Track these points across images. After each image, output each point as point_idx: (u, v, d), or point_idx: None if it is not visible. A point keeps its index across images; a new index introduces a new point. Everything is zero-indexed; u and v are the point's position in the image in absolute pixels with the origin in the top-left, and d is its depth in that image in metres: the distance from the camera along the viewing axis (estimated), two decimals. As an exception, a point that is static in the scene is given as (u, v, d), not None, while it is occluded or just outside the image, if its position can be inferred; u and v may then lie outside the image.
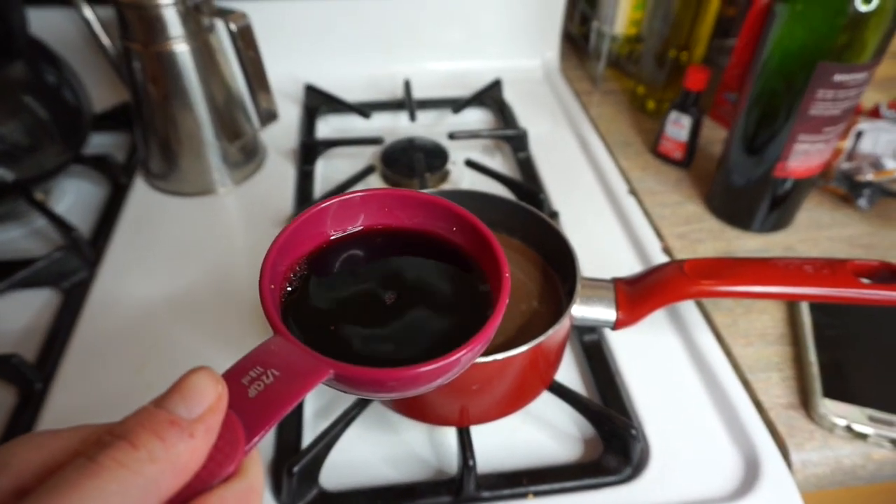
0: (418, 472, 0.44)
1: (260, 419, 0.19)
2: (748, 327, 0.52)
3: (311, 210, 0.26)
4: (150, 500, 0.16)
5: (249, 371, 0.20)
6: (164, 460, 0.17)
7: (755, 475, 0.43)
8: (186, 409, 0.18)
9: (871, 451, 0.45)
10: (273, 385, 0.19)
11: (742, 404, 0.46)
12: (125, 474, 0.16)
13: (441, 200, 0.27)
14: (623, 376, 0.49)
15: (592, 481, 0.43)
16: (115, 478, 0.16)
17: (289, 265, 0.26)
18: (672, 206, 0.65)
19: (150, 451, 0.16)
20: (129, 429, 0.17)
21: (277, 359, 0.20)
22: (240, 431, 0.18)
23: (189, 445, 0.17)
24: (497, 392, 0.40)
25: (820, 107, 0.52)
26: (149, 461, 0.16)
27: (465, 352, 0.22)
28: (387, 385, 0.21)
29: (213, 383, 0.18)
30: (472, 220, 0.27)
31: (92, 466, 0.16)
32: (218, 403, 0.18)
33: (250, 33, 0.58)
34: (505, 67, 0.86)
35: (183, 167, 0.65)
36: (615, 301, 0.42)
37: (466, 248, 0.28)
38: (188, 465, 0.17)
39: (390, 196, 0.27)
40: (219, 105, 0.63)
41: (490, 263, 0.26)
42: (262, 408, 0.19)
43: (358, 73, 0.84)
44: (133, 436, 0.17)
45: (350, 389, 0.22)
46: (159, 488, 0.17)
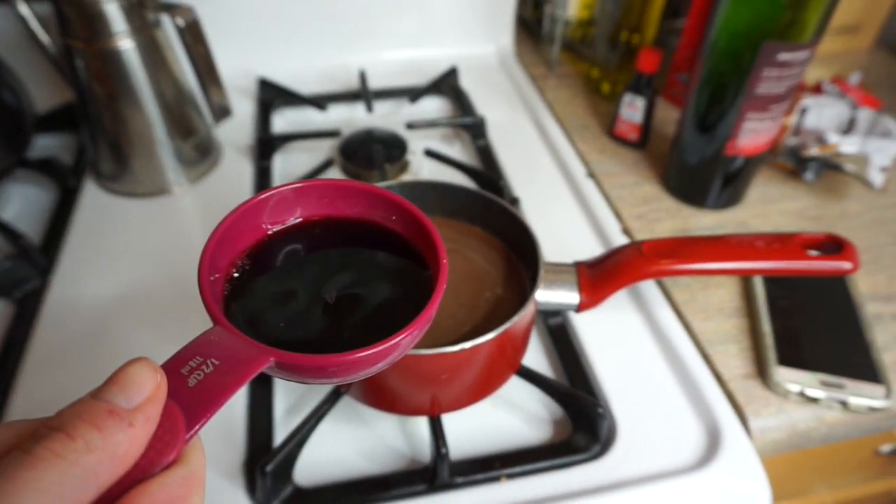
0: (392, 463, 0.45)
1: (200, 408, 0.19)
2: (706, 302, 0.54)
3: (250, 202, 0.26)
4: (88, 489, 0.16)
5: (189, 361, 0.20)
6: (102, 450, 0.16)
7: (717, 444, 0.44)
8: (125, 399, 0.18)
9: (823, 413, 0.47)
10: (213, 374, 0.19)
11: (702, 377, 0.48)
12: (62, 465, 0.16)
13: (379, 189, 0.28)
14: (588, 356, 0.50)
15: (563, 460, 0.44)
16: (52, 468, 0.16)
17: (230, 258, 0.26)
18: (630, 188, 0.66)
19: (87, 441, 0.16)
20: (65, 420, 0.17)
21: (217, 348, 0.20)
22: (180, 420, 0.19)
23: (128, 434, 0.17)
24: (467, 379, 0.41)
25: (766, 85, 0.53)
26: (86, 451, 0.16)
27: (403, 336, 0.22)
28: (328, 370, 0.21)
29: (151, 373, 0.18)
30: (410, 208, 0.27)
31: (28, 458, 0.16)
32: (157, 393, 0.18)
33: (198, 28, 0.56)
34: (460, 55, 0.86)
35: (135, 167, 0.63)
36: (578, 284, 0.43)
37: (407, 236, 0.28)
38: (127, 454, 0.17)
39: (328, 187, 0.28)
40: (169, 102, 0.61)
41: (429, 250, 0.27)
42: (202, 397, 0.19)
43: (311, 65, 0.83)
44: (70, 427, 0.17)
45: (294, 377, 0.22)
46: (98, 478, 0.16)
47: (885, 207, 0.65)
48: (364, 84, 0.76)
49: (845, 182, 0.67)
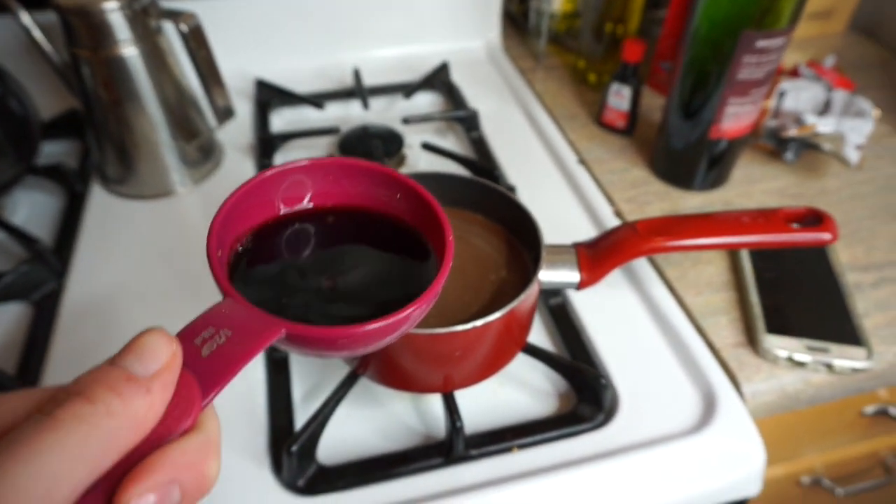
0: (408, 440, 0.47)
1: (214, 377, 0.19)
2: (697, 278, 0.57)
3: (256, 179, 0.26)
4: (109, 454, 0.16)
5: (202, 332, 0.21)
6: (121, 415, 0.17)
7: (712, 409, 0.47)
8: (142, 367, 0.18)
9: (810, 376, 0.50)
10: (225, 345, 0.20)
11: (696, 347, 0.51)
12: (84, 428, 0.16)
13: (384, 168, 0.28)
14: (588, 333, 0.53)
15: (570, 430, 0.47)
16: (74, 431, 0.16)
17: (237, 235, 0.26)
18: (619, 173, 0.69)
19: (107, 406, 0.16)
20: (85, 385, 0.17)
21: (229, 320, 0.20)
22: (195, 389, 0.19)
23: (146, 401, 0.17)
24: (478, 357, 0.43)
25: (746, 71, 0.56)
26: (106, 415, 0.16)
27: (412, 309, 0.23)
28: (338, 343, 0.22)
29: (166, 341, 0.19)
30: (415, 187, 0.28)
31: (49, 421, 0.16)
32: (173, 361, 0.18)
33: (201, 33, 0.58)
34: (449, 50, 0.89)
35: (141, 170, 0.65)
36: (577, 264, 0.46)
37: (412, 216, 0.29)
38: (146, 421, 0.17)
39: (334, 165, 0.28)
40: (172, 106, 0.63)
41: (435, 228, 0.27)
42: (216, 366, 0.19)
43: (306, 66, 0.85)
44: (89, 391, 0.17)
45: (303, 349, 0.22)
46: (118, 442, 0.17)
47: (861, 183, 0.68)
48: (359, 81, 0.78)
49: (823, 161, 0.71)
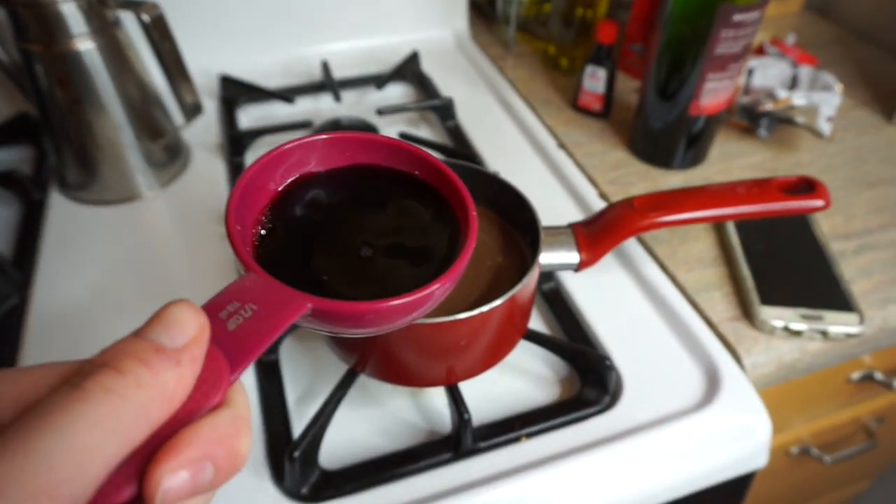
0: (411, 438, 0.46)
1: (241, 351, 0.19)
2: (686, 255, 0.57)
3: (274, 152, 0.25)
4: (140, 427, 0.16)
5: (227, 306, 0.20)
6: (151, 387, 0.16)
7: (716, 383, 0.47)
8: (170, 339, 0.17)
9: (805, 345, 0.50)
10: (251, 319, 0.19)
11: (694, 323, 0.51)
12: (114, 399, 0.15)
13: (404, 144, 0.27)
14: (584, 316, 0.52)
15: (577, 414, 0.46)
16: (104, 402, 0.15)
17: (257, 209, 0.25)
18: (599, 155, 0.69)
19: (136, 377, 0.16)
20: (112, 356, 0.16)
21: (254, 294, 0.20)
22: (223, 363, 0.18)
23: (175, 373, 0.17)
24: (482, 345, 0.42)
25: (724, 46, 0.57)
26: (136, 387, 0.16)
27: (438, 286, 0.22)
28: (365, 318, 0.21)
29: (194, 313, 0.18)
30: (436, 163, 0.27)
31: (78, 392, 0.15)
32: (201, 333, 0.18)
33: (164, 23, 0.55)
34: (417, 40, 0.87)
35: (104, 174, 0.61)
36: (576, 244, 0.45)
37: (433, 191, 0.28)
38: (176, 394, 0.17)
39: (351, 140, 0.27)
40: (135, 104, 0.60)
41: (457, 204, 0.27)
42: (243, 341, 0.19)
43: (269, 61, 0.82)
44: (117, 362, 0.16)
45: (327, 325, 0.22)
46: (149, 415, 0.16)
47: (833, 155, 0.70)
48: (328, 74, 0.76)
49: (795, 135, 0.72)
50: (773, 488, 0.80)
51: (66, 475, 0.14)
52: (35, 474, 0.13)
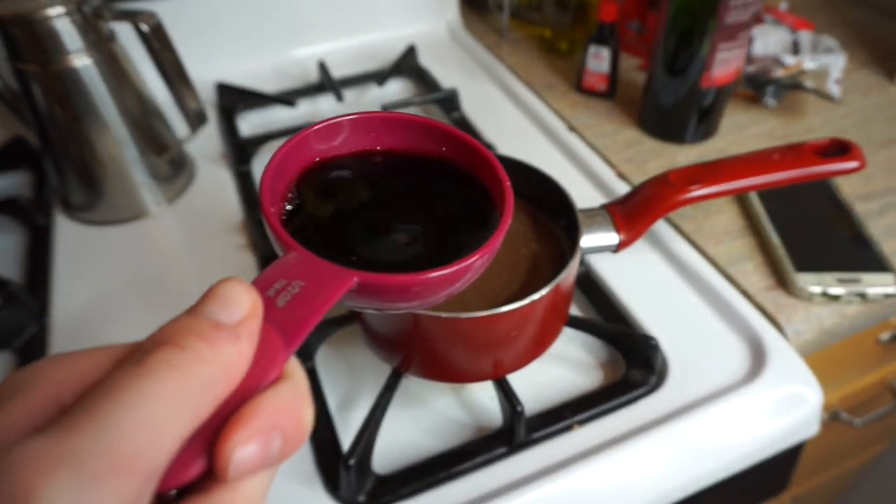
0: (459, 435, 0.45)
1: (294, 326, 0.18)
2: (712, 228, 0.57)
3: (304, 132, 0.25)
4: (205, 402, 0.16)
5: (273, 283, 0.20)
6: (213, 362, 0.16)
7: (762, 355, 0.47)
8: (227, 315, 0.17)
9: (844, 308, 0.50)
10: (300, 295, 0.19)
11: (731, 296, 0.50)
12: (178, 374, 0.15)
13: (430, 121, 0.27)
14: (619, 298, 0.51)
15: (626, 397, 0.45)
16: (169, 378, 0.15)
17: (285, 189, 0.25)
18: (611, 135, 0.68)
19: (197, 353, 0.16)
20: (171, 333, 0.16)
21: (299, 271, 0.20)
22: (277, 339, 0.18)
23: (235, 348, 0.16)
24: (529, 335, 0.41)
25: (734, 14, 0.56)
26: (198, 362, 0.16)
27: (477, 257, 0.22)
28: (410, 290, 0.21)
29: (246, 289, 0.18)
30: (465, 138, 0.27)
31: (142, 369, 0.15)
32: (255, 309, 0.18)
33: (163, 32, 0.53)
34: (410, 34, 0.85)
35: (109, 193, 0.59)
36: (613, 224, 0.44)
37: (463, 162, 0.27)
38: (236, 369, 0.16)
39: (376, 119, 0.27)
40: (136, 118, 0.58)
41: (489, 179, 0.26)
42: (294, 316, 0.19)
43: (263, 66, 0.80)
44: (178, 338, 0.16)
45: (370, 300, 0.21)
46: (213, 390, 0.16)
47: (842, 118, 0.70)
48: (327, 74, 0.74)
49: (801, 101, 0.72)
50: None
51: (141, 447, 0.14)
52: (110, 447, 0.14)
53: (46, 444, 0.13)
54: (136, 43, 0.55)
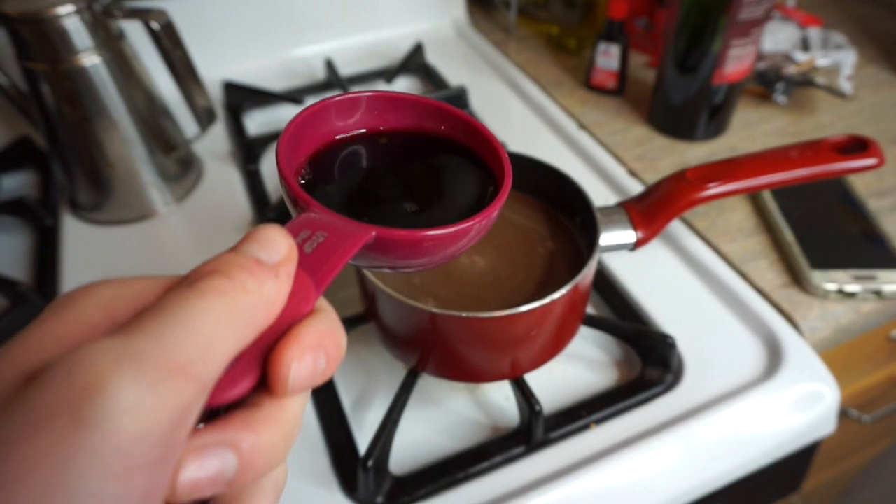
0: (478, 434, 0.44)
1: (321, 271, 0.20)
2: (726, 225, 0.56)
3: (323, 102, 0.26)
4: (249, 329, 0.17)
5: (300, 232, 0.21)
6: (257, 293, 0.17)
7: (778, 353, 0.47)
8: (267, 255, 0.18)
9: (859, 306, 0.50)
10: (324, 244, 0.20)
11: (746, 294, 0.50)
12: (227, 300, 0.16)
13: (429, 100, 0.28)
14: (633, 296, 0.51)
15: (643, 396, 0.45)
16: (219, 301, 0.16)
17: (298, 165, 0.26)
18: (621, 133, 0.68)
19: (243, 283, 0.17)
20: (218, 265, 0.17)
21: (321, 223, 0.21)
22: (308, 280, 0.19)
23: (275, 284, 0.18)
24: (547, 335, 0.41)
25: (747, 11, 0.56)
26: (243, 291, 0.16)
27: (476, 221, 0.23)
28: (421, 246, 0.23)
29: (284, 234, 0.19)
30: (463, 116, 0.28)
31: (195, 291, 0.16)
32: (291, 252, 0.19)
33: (174, 30, 0.53)
34: (416, 32, 0.85)
35: (117, 193, 0.59)
36: (631, 222, 0.44)
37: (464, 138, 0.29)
38: (276, 303, 0.18)
39: (379, 98, 0.28)
40: (145, 117, 0.57)
41: (488, 153, 0.27)
42: (321, 262, 0.20)
43: (269, 64, 0.80)
44: (225, 269, 0.17)
45: (383, 256, 0.23)
46: (255, 320, 0.17)
47: (852, 114, 0.69)
48: (334, 72, 0.74)
49: (811, 97, 0.71)
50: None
51: (196, 358, 0.15)
52: (170, 354, 0.14)
53: (112, 345, 0.14)
54: (145, 42, 0.55)
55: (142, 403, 0.14)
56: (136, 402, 0.14)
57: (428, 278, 0.44)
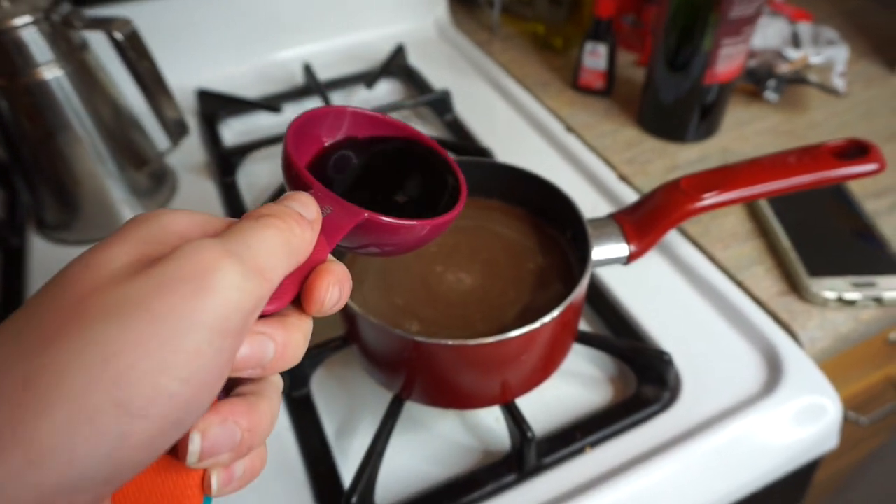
0: (468, 461, 0.42)
1: (331, 232, 0.24)
2: (720, 231, 0.55)
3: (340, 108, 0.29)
4: (293, 260, 0.21)
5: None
6: (300, 237, 0.21)
7: (777, 365, 0.45)
8: (305, 211, 0.22)
9: (859, 313, 0.48)
10: (331, 216, 0.24)
11: (742, 304, 0.48)
12: (283, 235, 0.21)
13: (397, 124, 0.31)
14: (627, 309, 0.49)
15: (640, 415, 0.43)
16: (279, 234, 0.20)
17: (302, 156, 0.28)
18: (610, 135, 0.66)
19: (291, 227, 0.21)
20: (274, 210, 0.21)
21: (329, 199, 0.25)
22: (321, 237, 0.24)
23: (311, 234, 0.22)
24: (540, 356, 0.39)
25: (738, 9, 0.54)
26: (292, 233, 0.21)
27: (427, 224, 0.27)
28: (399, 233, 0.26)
29: (314, 200, 0.23)
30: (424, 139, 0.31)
31: (261, 223, 0.20)
32: (318, 214, 0.23)
33: (139, 39, 0.50)
34: (397, 33, 0.83)
35: (87, 211, 0.56)
36: (623, 235, 0.42)
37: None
38: (308, 248, 0.22)
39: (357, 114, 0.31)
40: (113, 131, 0.55)
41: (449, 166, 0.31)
42: (330, 225, 0.24)
43: (245, 70, 0.77)
44: (280, 214, 0.21)
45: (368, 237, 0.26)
46: (298, 255, 0.21)
47: (845, 112, 0.68)
48: (313, 77, 0.71)
49: (802, 95, 0.70)
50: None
51: (270, 266, 0.20)
52: (253, 257, 0.19)
53: (218, 243, 0.19)
54: (111, 51, 0.52)
55: (241, 285, 0.18)
56: (238, 284, 0.18)
57: (412, 298, 0.42)
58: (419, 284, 0.42)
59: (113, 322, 0.16)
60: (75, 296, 0.17)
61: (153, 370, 0.16)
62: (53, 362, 0.16)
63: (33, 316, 0.17)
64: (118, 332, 0.16)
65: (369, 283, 0.43)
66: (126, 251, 0.19)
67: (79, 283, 0.17)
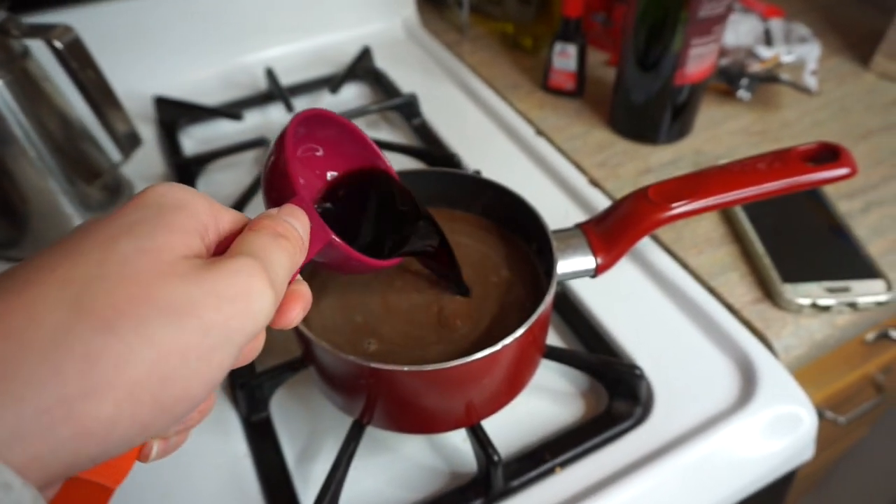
0: (434, 484, 0.41)
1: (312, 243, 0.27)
2: (693, 237, 0.53)
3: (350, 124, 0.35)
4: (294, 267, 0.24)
5: None
6: (299, 259, 0.25)
7: (751, 375, 0.44)
8: (304, 233, 0.25)
9: (834, 319, 0.47)
10: (311, 228, 0.27)
11: (716, 311, 0.47)
12: (294, 257, 0.24)
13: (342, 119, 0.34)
14: (598, 320, 0.48)
15: (611, 432, 0.41)
16: (291, 255, 0.24)
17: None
18: (581, 138, 0.64)
19: (297, 248, 0.24)
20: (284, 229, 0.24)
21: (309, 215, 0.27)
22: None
23: (303, 253, 0.25)
24: (506, 376, 0.37)
25: (707, 7, 0.52)
26: (296, 254, 0.24)
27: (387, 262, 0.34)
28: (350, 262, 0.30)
29: (307, 221, 0.26)
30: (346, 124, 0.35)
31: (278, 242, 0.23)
32: (307, 227, 0.26)
33: (82, 48, 0.47)
34: (364, 35, 0.80)
35: (35, 228, 0.54)
36: (590, 247, 0.40)
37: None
38: (302, 258, 0.25)
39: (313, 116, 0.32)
40: (61, 143, 0.52)
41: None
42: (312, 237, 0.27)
43: (206, 75, 0.74)
44: (290, 234, 0.24)
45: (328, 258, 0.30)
46: (294, 266, 0.24)
47: (818, 110, 0.67)
48: (275, 82, 0.69)
49: (775, 93, 0.69)
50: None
51: (281, 287, 0.23)
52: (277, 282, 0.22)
53: (261, 267, 0.21)
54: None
55: (270, 311, 0.22)
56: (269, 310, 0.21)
57: (371, 314, 0.40)
58: (378, 300, 0.41)
59: (171, 324, 0.18)
60: (139, 281, 0.18)
61: (190, 376, 0.19)
62: (117, 345, 0.17)
63: (90, 284, 0.18)
64: (174, 336, 0.18)
65: (328, 300, 0.41)
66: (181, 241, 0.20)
67: (142, 268, 0.19)
